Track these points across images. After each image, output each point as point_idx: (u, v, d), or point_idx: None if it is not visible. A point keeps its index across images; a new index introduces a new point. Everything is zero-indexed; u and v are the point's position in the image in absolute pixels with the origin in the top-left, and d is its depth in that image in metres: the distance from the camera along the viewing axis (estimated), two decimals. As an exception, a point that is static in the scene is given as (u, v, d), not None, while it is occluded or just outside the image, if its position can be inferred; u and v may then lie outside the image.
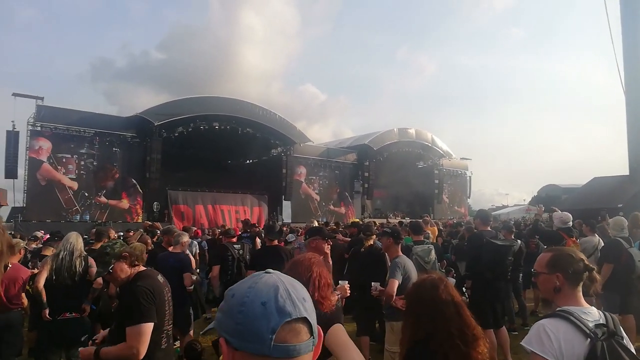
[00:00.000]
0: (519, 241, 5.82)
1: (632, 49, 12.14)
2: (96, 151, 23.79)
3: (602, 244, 7.01)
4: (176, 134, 25.23)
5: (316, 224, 8.11)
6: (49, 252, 6.04)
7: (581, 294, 2.12)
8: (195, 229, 12.95)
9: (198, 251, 9.27)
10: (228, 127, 26.72)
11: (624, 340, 1.99)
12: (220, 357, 0.98)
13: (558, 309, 2.08)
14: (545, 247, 7.33)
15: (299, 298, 0.91)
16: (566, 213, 7.51)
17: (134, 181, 25.00)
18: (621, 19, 12.44)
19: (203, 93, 28.07)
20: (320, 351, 0.95)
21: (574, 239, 6.99)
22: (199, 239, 10.76)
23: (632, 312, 6.37)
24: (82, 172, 23.37)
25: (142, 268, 3.21)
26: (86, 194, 23.44)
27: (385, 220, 26.21)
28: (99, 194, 23.92)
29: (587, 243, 7.39)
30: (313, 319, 0.92)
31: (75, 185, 23.09)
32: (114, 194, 24.32)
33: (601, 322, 2.00)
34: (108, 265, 3.19)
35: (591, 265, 2.13)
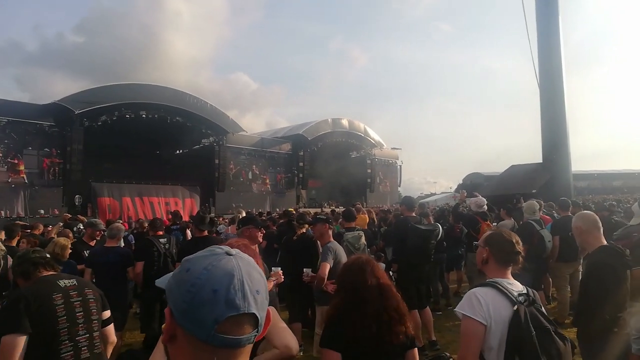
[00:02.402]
0: (439, 225, 6.13)
1: (545, 46, 13.09)
2: (9, 141, 22.04)
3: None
4: (99, 123, 23.90)
5: (244, 213, 8.05)
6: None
7: (509, 270, 2.38)
8: (122, 221, 12.44)
9: (123, 245, 8.92)
10: (156, 116, 25.74)
11: (542, 309, 2.27)
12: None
13: (487, 279, 2.30)
14: (467, 231, 7.79)
15: (252, 291, 0.90)
16: (481, 198, 8.01)
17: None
18: (536, 17, 13.36)
19: (127, 80, 26.85)
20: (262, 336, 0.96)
21: (488, 222, 7.47)
22: (126, 233, 10.34)
23: (541, 289, 6.98)
24: (-8, 163, 21.60)
25: (45, 273, 2.79)
26: (-2, 187, 21.71)
27: (320, 209, 26.53)
28: (13, 186, 22.22)
29: (504, 226, 7.94)
30: (262, 313, 0.92)
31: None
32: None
33: (524, 292, 2.27)
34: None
35: (518, 249, 2.37)
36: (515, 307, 2.15)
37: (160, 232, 6.50)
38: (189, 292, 0.88)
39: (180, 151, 34.03)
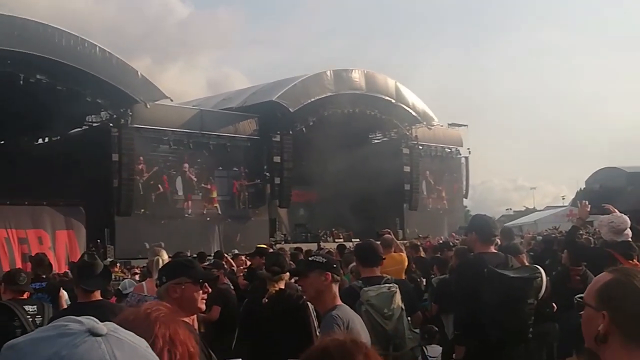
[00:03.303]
0: (542, 270, 6.12)
1: None
2: None
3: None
4: None
5: (165, 256, 7.94)
6: None
7: None
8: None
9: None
10: (-4, 73, 25.79)
11: None
12: None
13: None
14: (593, 277, 7.81)
15: None
16: (620, 216, 8.02)
17: None
18: None
19: None
20: None
21: (636, 260, 7.46)
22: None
23: None
24: None
25: None
26: None
27: (317, 244, 26.52)
28: None
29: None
30: None
31: None
32: None
33: None
34: None
35: None
36: None
37: (26, 295, 6.52)
38: None
39: (47, 139, 33.95)
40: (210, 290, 4.20)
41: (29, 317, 6.06)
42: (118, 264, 19.96)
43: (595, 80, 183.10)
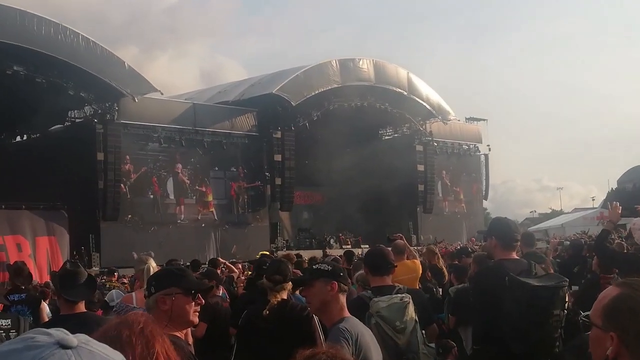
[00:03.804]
0: (566, 280, 6.08)
1: None
2: None
3: None
4: None
5: (152, 264, 7.88)
6: None
7: None
8: None
9: None
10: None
11: None
12: None
13: None
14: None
15: None
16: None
17: None
18: None
19: None
20: None
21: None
22: None
23: None
24: None
25: None
26: None
27: (322, 251, 26.48)
28: None
29: None
30: None
31: None
32: None
33: None
34: None
35: None
36: None
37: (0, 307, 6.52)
38: None
39: (25, 137, 33.96)
40: (203, 301, 4.17)
41: (1, 331, 6.03)
42: (115, 274, 19.91)
43: (628, 73, 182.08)
